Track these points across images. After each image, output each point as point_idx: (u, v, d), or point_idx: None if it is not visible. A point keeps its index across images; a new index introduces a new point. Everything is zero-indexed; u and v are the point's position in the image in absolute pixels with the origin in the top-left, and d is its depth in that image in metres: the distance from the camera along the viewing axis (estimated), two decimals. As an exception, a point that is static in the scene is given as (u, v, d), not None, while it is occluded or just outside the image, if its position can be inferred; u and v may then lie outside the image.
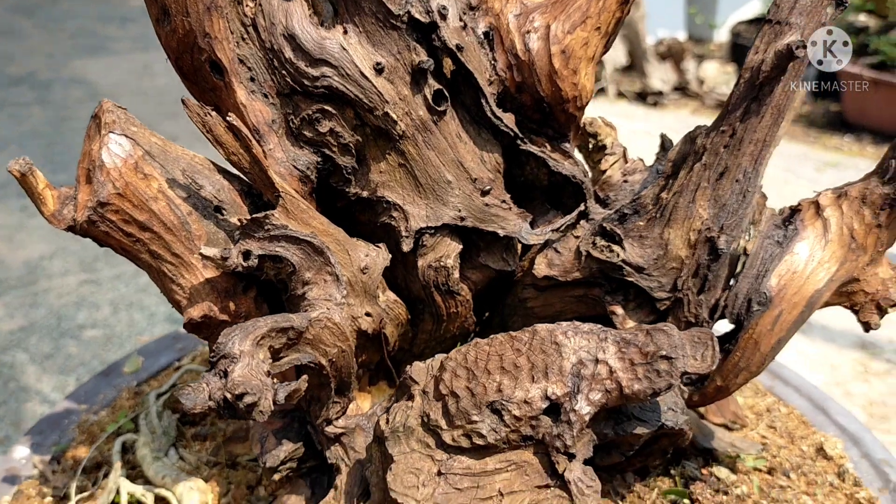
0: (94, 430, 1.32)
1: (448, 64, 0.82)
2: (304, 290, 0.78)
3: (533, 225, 0.92)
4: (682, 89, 4.67)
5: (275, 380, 0.64)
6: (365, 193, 0.84)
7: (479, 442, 0.70)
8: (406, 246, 0.84)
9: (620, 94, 4.64)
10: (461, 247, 0.87)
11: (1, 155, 3.65)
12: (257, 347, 0.64)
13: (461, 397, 0.72)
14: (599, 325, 0.75)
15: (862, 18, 4.34)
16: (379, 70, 0.78)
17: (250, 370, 0.61)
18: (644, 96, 4.60)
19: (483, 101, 0.82)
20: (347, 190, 0.84)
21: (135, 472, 1.13)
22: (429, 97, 0.80)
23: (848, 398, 2.17)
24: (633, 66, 4.70)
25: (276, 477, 0.86)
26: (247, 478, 1.07)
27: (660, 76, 4.58)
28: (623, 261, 0.82)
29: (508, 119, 0.85)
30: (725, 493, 1.09)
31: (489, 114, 0.83)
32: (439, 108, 0.81)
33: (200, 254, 0.77)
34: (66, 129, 4.19)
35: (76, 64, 5.19)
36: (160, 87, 4.75)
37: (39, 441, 1.30)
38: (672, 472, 1.12)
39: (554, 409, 0.70)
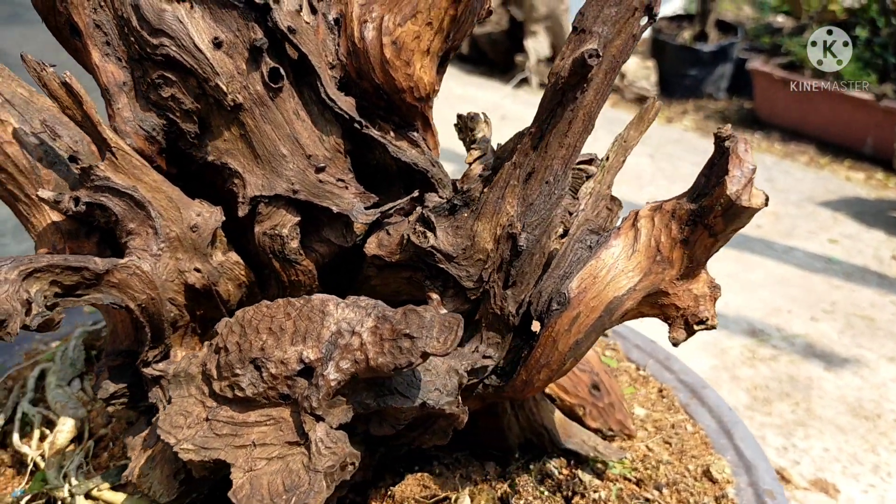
0: (39, 357, 1.44)
1: (291, 46, 0.87)
2: (126, 239, 0.85)
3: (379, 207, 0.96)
4: None
5: (40, 309, 0.71)
6: (210, 158, 0.90)
7: (240, 394, 0.75)
8: (241, 211, 0.90)
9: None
10: (298, 218, 0.92)
11: None
12: (29, 279, 0.71)
13: (231, 351, 0.77)
14: (379, 303, 0.79)
15: (779, 19, 4.33)
16: (217, 44, 0.84)
17: (7, 296, 0.68)
18: None
19: (319, 83, 0.87)
20: (195, 154, 0.91)
21: (41, 396, 1.23)
22: (265, 74, 0.85)
23: (734, 381, 2.23)
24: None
25: (111, 409, 0.94)
26: (128, 415, 1.16)
27: None
28: (432, 247, 0.86)
29: (347, 103, 0.89)
30: (581, 496, 1.11)
31: (324, 95, 0.87)
32: (275, 86, 0.86)
33: (37, 195, 0.85)
34: None
35: None
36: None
37: (-11, 358, 1.42)
38: (531, 466, 1.14)
39: (308, 372, 0.75)
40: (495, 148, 1.04)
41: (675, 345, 0.86)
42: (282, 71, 0.86)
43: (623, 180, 1.04)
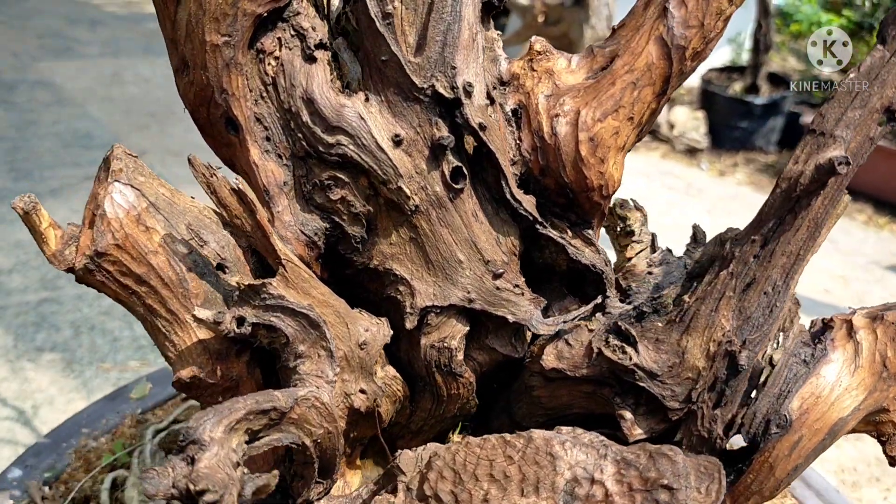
0: (90, 457, 1.30)
1: (470, 141, 0.78)
2: (296, 362, 0.74)
3: (548, 309, 0.87)
4: (652, 133, 4.67)
5: (245, 471, 0.60)
6: (373, 264, 0.80)
7: (459, 552, 0.65)
8: (410, 323, 0.80)
9: None
10: (467, 328, 0.83)
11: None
12: (231, 433, 0.60)
13: (445, 502, 0.67)
14: (601, 437, 0.70)
15: (826, 72, 4.36)
16: (397, 142, 0.75)
17: (218, 461, 0.57)
18: None
19: (503, 181, 0.78)
20: (355, 259, 0.81)
21: (120, 512, 1.10)
22: (446, 174, 0.76)
23: (819, 463, 2.14)
24: None
25: (252, 549, 0.82)
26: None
27: None
28: (636, 364, 0.77)
29: (529, 202, 0.80)
30: None
31: (508, 196, 0.78)
32: (456, 186, 0.77)
33: (194, 315, 0.73)
34: (31, 135, 3.98)
35: (42, 66, 4.94)
36: (130, 97, 4.54)
37: (34, 464, 1.27)
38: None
39: (542, 526, 0.65)
40: (654, 239, 0.97)
41: (893, 464, 0.79)
42: (464, 170, 0.77)
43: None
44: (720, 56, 5.30)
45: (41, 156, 3.76)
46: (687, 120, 4.58)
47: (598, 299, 0.84)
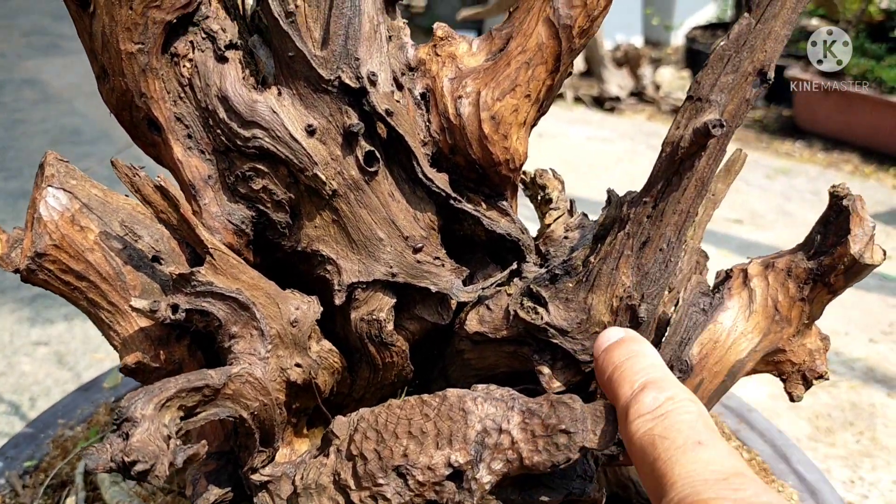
0: (67, 445, 1.36)
1: (381, 125, 0.83)
2: (230, 343, 0.80)
3: (472, 279, 0.93)
4: (638, 94, 4.71)
5: (177, 442, 0.66)
6: (300, 247, 0.86)
7: (384, 504, 0.72)
8: (338, 299, 0.86)
9: (577, 100, 4.67)
10: (394, 300, 0.88)
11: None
12: (163, 410, 0.66)
13: (369, 459, 0.73)
14: (512, 392, 0.76)
15: (814, 23, 4.37)
16: (311, 132, 0.80)
17: (149, 435, 0.63)
18: (601, 101, 4.65)
19: (415, 162, 0.83)
20: (283, 243, 0.86)
21: (95, 494, 1.16)
22: (360, 158, 0.81)
23: (794, 410, 2.21)
24: (591, 71, 4.76)
25: (209, 517, 0.88)
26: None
27: (617, 82, 4.64)
28: (546, 323, 0.83)
29: (441, 179, 0.86)
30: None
31: (420, 175, 0.84)
32: (370, 169, 0.82)
33: (131, 306, 0.79)
34: (20, 134, 4.03)
35: (29, 64, 4.98)
36: None
37: (14, 455, 1.34)
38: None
39: (457, 475, 0.72)
40: (572, 205, 1.02)
41: (793, 401, 0.86)
42: (377, 154, 0.82)
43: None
44: (705, 13, 5.31)
45: (31, 154, 3.78)
46: (672, 79, 4.62)
47: (514, 265, 0.90)
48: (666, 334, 0.84)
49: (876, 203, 3.39)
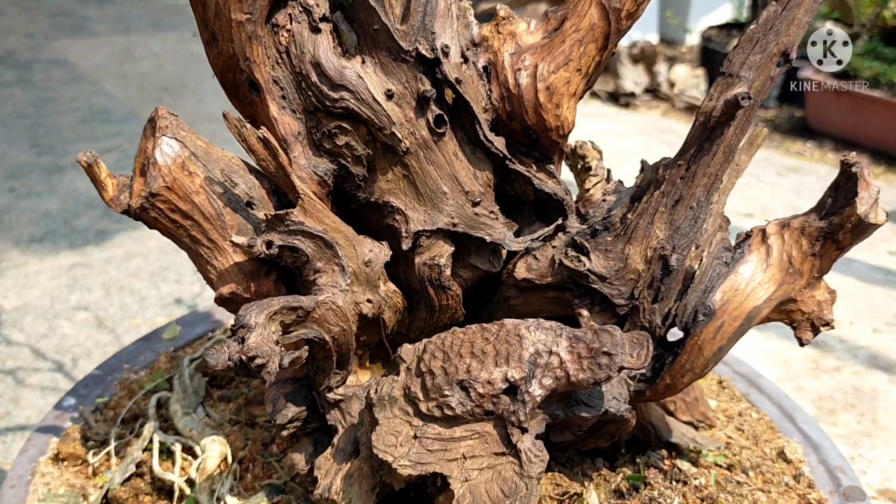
0: (133, 387, 1.48)
1: (449, 93, 0.95)
2: (315, 276, 0.92)
3: (518, 234, 1.05)
4: (653, 91, 4.79)
5: (282, 348, 0.78)
6: (373, 198, 0.98)
7: (449, 413, 0.84)
8: (405, 245, 0.98)
9: (594, 94, 4.76)
10: (453, 248, 1.00)
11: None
12: (270, 321, 0.78)
13: (436, 375, 0.85)
14: (559, 323, 0.88)
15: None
16: (389, 95, 0.92)
17: (262, 338, 0.75)
18: (616, 97, 4.73)
19: (477, 126, 0.95)
20: (359, 194, 0.98)
21: (166, 425, 1.28)
22: (430, 120, 0.93)
23: (799, 392, 2.30)
24: (607, 67, 4.84)
25: (284, 433, 1.00)
26: (262, 436, 1.22)
27: (632, 78, 4.72)
28: (588, 270, 0.95)
29: (499, 142, 0.98)
30: (684, 483, 1.21)
31: (482, 137, 0.96)
32: (439, 130, 0.94)
33: (231, 241, 0.91)
34: (50, 111, 4.09)
35: (56, 45, 5.07)
36: (142, 72, 4.66)
37: (85, 394, 1.46)
38: (638, 460, 1.24)
39: (512, 389, 0.83)
40: (609, 173, 1.14)
41: (802, 345, 0.98)
42: (445, 117, 0.94)
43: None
44: (721, 14, 5.39)
45: (62, 131, 3.90)
46: (687, 77, 4.70)
47: (560, 220, 1.02)
48: (692, 282, 0.96)
49: (885, 204, 3.47)
